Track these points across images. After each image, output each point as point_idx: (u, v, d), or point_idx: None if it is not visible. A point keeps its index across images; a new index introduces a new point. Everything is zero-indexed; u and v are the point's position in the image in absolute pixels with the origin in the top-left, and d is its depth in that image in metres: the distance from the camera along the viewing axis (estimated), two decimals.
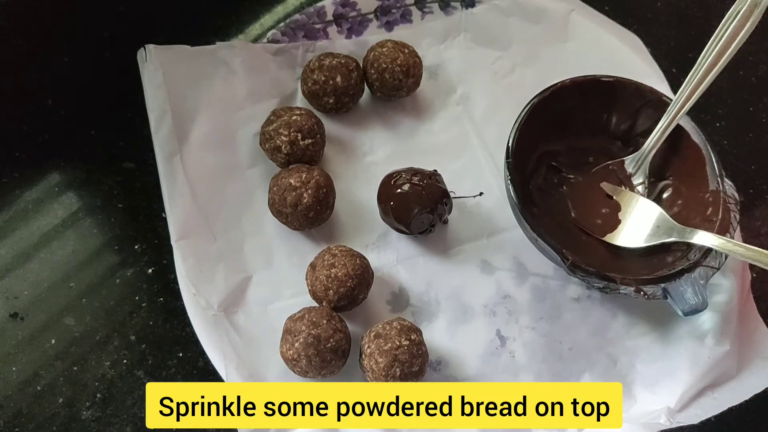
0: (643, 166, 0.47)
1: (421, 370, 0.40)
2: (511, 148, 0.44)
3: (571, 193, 0.48)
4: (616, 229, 0.46)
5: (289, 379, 0.42)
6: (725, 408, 0.41)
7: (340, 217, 0.48)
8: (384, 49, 0.49)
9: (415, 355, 0.40)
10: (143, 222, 0.47)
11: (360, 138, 0.51)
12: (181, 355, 0.43)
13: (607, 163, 0.48)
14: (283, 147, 0.45)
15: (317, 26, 0.53)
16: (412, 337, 0.40)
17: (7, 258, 0.46)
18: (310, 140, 0.46)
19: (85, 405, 0.42)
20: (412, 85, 0.50)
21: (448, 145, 0.51)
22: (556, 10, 0.55)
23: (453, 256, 0.47)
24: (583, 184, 0.48)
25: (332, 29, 0.53)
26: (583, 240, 0.46)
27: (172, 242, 0.44)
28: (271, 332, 0.43)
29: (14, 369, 0.42)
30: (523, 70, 0.54)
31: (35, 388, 0.42)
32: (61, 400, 0.42)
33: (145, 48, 0.48)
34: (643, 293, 0.41)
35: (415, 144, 0.51)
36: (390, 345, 0.39)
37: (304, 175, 0.44)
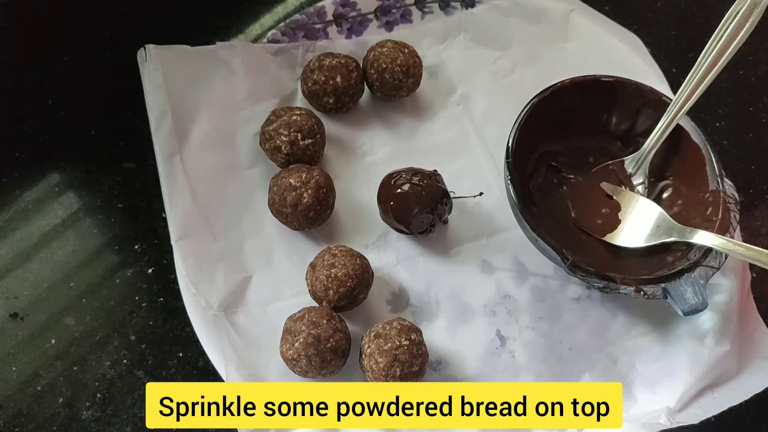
0: (643, 166, 0.47)
1: (421, 370, 0.40)
2: (511, 148, 0.44)
3: (571, 193, 0.48)
4: (616, 229, 0.46)
5: (289, 379, 0.42)
6: (725, 408, 0.41)
7: (340, 217, 0.48)
8: (384, 49, 0.49)
9: (415, 355, 0.40)
10: (143, 222, 0.47)
11: (360, 138, 0.51)
12: (181, 355, 0.43)
13: (607, 163, 0.48)
14: (283, 147, 0.45)
15: (317, 26, 0.53)
16: (412, 337, 0.40)
17: (7, 258, 0.46)
18: (310, 140, 0.46)
19: (85, 405, 0.42)
20: (412, 85, 0.50)
21: (448, 145, 0.51)
22: (556, 10, 0.55)
23: (453, 256, 0.47)
24: (583, 184, 0.48)
25: (332, 29, 0.53)
26: (583, 240, 0.46)
27: (172, 242, 0.44)
28: (271, 332, 0.43)
29: (14, 369, 0.42)
30: (523, 70, 0.54)
31: (35, 388, 0.42)
32: (61, 400, 0.42)
33: (145, 48, 0.48)
34: (643, 293, 0.41)
35: (415, 144, 0.51)
36: (390, 345, 0.39)
37: (304, 175, 0.44)
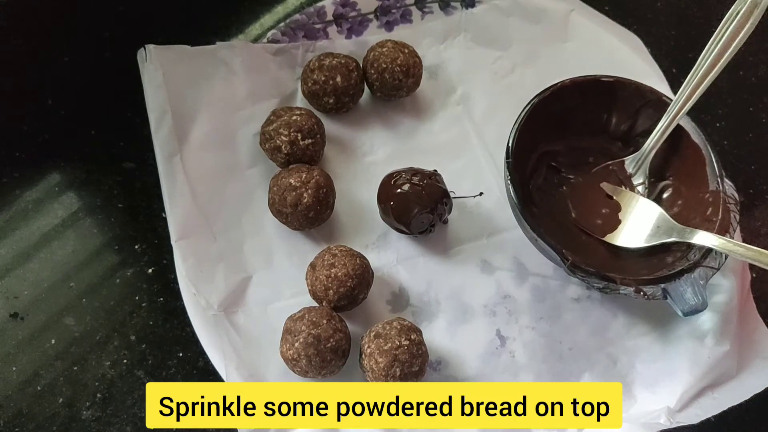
0: (643, 167, 0.47)
1: (421, 370, 0.40)
2: (511, 148, 0.44)
3: (571, 194, 0.47)
4: (616, 230, 0.46)
5: (289, 379, 0.42)
6: (725, 408, 0.41)
7: (340, 217, 0.48)
8: (384, 49, 0.49)
9: (415, 355, 0.40)
10: (143, 222, 0.47)
11: (360, 138, 0.51)
12: (181, 355, 0.43)
13: (607, 163, 0.48)
14: (283, 147, 0.45)
15: (317, 26, 0.53)
16: (412, 337, 0.40)
17: (7, 258, 0.46)
18: (310, 140, 0.46)
19: (85, 405, 0.42)
20: (412, 85, 0.50)
21: (448, 145, 0.51)
22: (556, 10, 0.55)
23: (453, 256, 0.47)
24: (583, 184, 0.48)
25: (332, 29, 0.53)
26: (583, 240, 0.46)
27: (172, 242, 0.44)
28: (271, 332, 0.43)
29: (14, 369, 0.42)
30: (523, 70, 0.54)
31: (35, 388, 0.42)
32: (61, 400, 0.42)
33: (145, 48, 0.47)
34: (643, 293, 0.41)
35: (415, 144, 0.51)
36: (390, 345, 0.39)
37: (304, 175, 0.44)
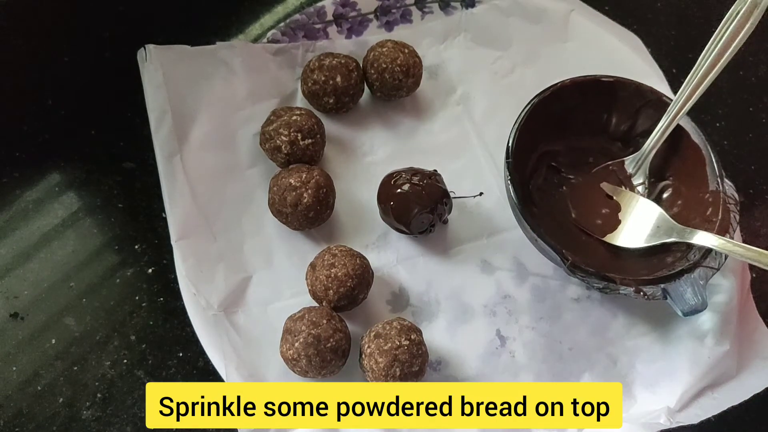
0: (643, 167, 0.47)
1: (421, 370, 0.40)
2: (511, 148, 0.44)
3: (571, 194, 0.47)
4: (616, 230, 0.46)
5: (289, 379, 0.42)
6: (725, 408, 0.41)
7: (340, 217, 0.48)
8: (384, 49, 0.49)
9: (415, 355, 0.40)
10: (143, 222, 0.47)
11: (360, 138, 0.51)
12: (181, 355, 0.43)
13: (607, 163, 0.48)
14: (283, 147, 0.45)
15: (317, 26, 0.53)
16: (412, 337, 0.40)
17: (7, 258, 0.46)
18: (310, 140, 0.46)
19: (85, 405, 0.42)
20: (412, 85, 0.50)
21: (448, 145, 0.51)
22: (556, 10, 0.55)
23: (453, 256, 0.47)
24: (583, 184, 0.48)
25: (332, 29, 0.53)
26: (583, 240, 0.46)
27: (172, 242, 0.44)
28: (271, 332, 0.43)
29: (14, 369, 0.42)
30: (523, 70, 0.54)
31: (35, 388, 0.42)
32: (61, 400, 0.42)
33: (145, 48, 0.47)
34: (642, 294, 0.41)
35: (415, 144, 0.51)
36: (390, 345, 0.39)
37: (304, 175, 0.44)
